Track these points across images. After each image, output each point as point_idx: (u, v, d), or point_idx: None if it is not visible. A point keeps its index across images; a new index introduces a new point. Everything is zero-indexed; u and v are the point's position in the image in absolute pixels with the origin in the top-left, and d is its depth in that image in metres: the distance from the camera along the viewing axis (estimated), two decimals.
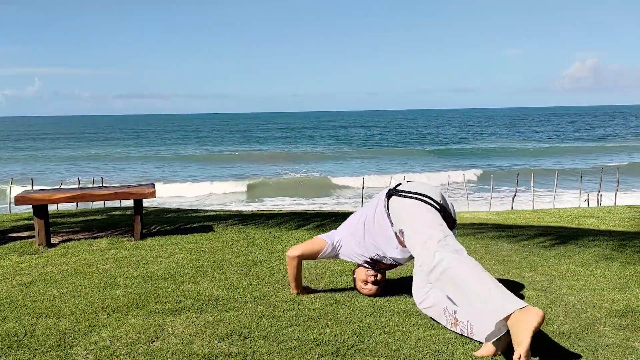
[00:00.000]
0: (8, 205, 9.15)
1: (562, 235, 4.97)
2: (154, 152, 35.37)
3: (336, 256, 3.02)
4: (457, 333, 2.47)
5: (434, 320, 2.62)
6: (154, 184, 5.02)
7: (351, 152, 33.68)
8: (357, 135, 51.20)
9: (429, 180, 17.60)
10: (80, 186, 10.23)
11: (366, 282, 2.98)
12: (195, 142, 44.97)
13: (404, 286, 3.23)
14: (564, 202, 13.11)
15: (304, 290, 3.11)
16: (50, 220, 5.64)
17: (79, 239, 4.74)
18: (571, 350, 2.32)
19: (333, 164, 27.50)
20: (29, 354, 2.26)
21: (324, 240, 3.00)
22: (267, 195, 17.92)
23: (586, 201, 11.59)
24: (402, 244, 2.76)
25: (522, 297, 3.04)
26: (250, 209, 10.61)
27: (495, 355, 2.22)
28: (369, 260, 2.93)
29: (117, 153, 34.98)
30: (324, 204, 15.42)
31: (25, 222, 5.92)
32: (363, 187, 12.29)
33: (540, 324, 2.04)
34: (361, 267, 3.00)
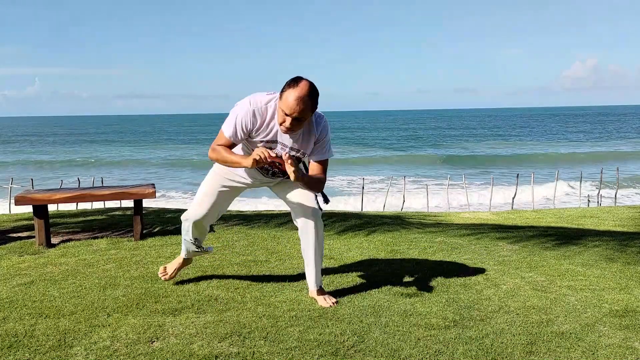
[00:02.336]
0: (8, 206, 9.15)
1: (562, 236, 4.97)
2: (152, 154, 35.28)
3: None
4: None
5: None
6: (154, 184, 5.02)
7: (355, 159, 31.82)
8: (357, 139, 50.80)
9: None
10: (80, 186, 10.23)
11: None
12: (194, 145, 44.62)
13: (403, 286, 3.24)
14: (564, 202, 13.11)
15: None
16: (50, 220, 5.64)
17: (79, 239, 4.74)
18: (571, 350, 2.32)
19: (336, 173, 27.07)
20: (29, 354, 2.26)
21: None
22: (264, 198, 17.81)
23: (587, 199, 11.59)
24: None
25: (522, 297, 3.04)
26: (251, 209, 10.61)
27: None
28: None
29: (117, 156, 34.91)
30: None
31: (25, 222, 5.92)
32: (363, 188, 12.28)
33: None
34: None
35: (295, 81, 2.55)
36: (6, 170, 26.01)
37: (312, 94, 2.55)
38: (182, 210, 7.15)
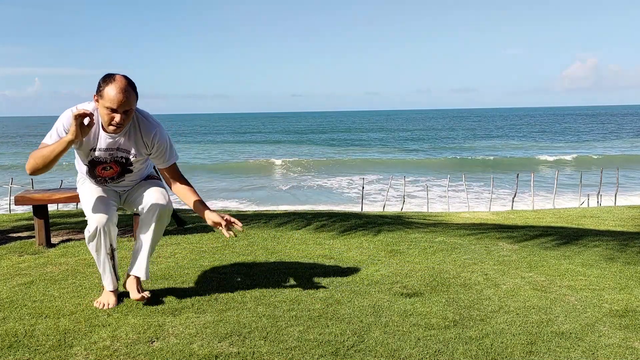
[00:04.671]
0: (8, 205, 9.15)
1: (562, 236, 4.97)
2: None
3: None
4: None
5: None
6: None
7: (354, 159, 30.66)
8: (357, 140, 50.51)
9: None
10: None
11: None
12: (192, 145, 44.39)
13: (403, 286, 3.24)
14: (564, 202, 13.11)
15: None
16: (50, 220, 5.64)
17: (79, 239, 4.74)
18: (571, 350, 2.32)
19: (336, 173, 26.87)
20: (29, 354, 2.26)
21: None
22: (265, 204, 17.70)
23: (585, 202, 11.60)
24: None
25: (522, 297, 3.04)
26: (251, 209, 10.62)
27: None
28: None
29: None
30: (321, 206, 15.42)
31: (25, 222, 5.92)
32: (363, 188, 12.29)
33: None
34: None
35: (110, 76, 2.49)
36: (6, 170, 25.98)
37: (132, 83, 2.52)
38: (181, 210, 7.16)
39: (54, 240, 4.71)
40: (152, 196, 2.82)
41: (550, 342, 2.40)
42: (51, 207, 8.23)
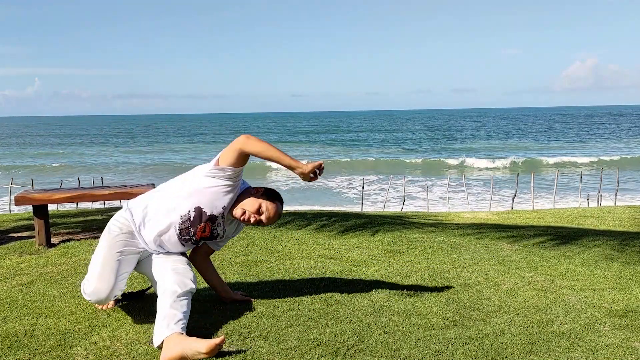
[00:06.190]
0: (8, 206, 9.15)
1: (562, 236, 4.97)
2: (151, 154, 35.17)
3: None
4: None
5: None
6: (154, 184, 5.02)
7: (354, 160, 30.29)
8: (357, 140, 50.54)
9: None
10: (80, 186, 10.23)
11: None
12: (191, 145, 44.31)
13: (403, 286, 3.24)
14: (564, 203, 13.11)
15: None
16: (50, 220, 5.64)
17: (79, 239, 4.74)
18: (571, 350, 2.32)
19: (336, 174, 26.95)
20: (29, 354, 2.26)
21: None
22: None
23: (587, 200, 11.61)
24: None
25: (522, 297, 3.04)
26: None
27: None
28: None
29: (118, 156, 34.81)
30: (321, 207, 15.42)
31: (25, 222, 5.92)
32: (363, 188, 12.29)
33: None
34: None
35: (278, 196, 2.73)
36: (6, 170, 25.95)
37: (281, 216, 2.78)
38: None
39: (54, 240, 4.71)
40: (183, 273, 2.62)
41: (550, 342, 2.40)
42: (51, 207, 8.23)
